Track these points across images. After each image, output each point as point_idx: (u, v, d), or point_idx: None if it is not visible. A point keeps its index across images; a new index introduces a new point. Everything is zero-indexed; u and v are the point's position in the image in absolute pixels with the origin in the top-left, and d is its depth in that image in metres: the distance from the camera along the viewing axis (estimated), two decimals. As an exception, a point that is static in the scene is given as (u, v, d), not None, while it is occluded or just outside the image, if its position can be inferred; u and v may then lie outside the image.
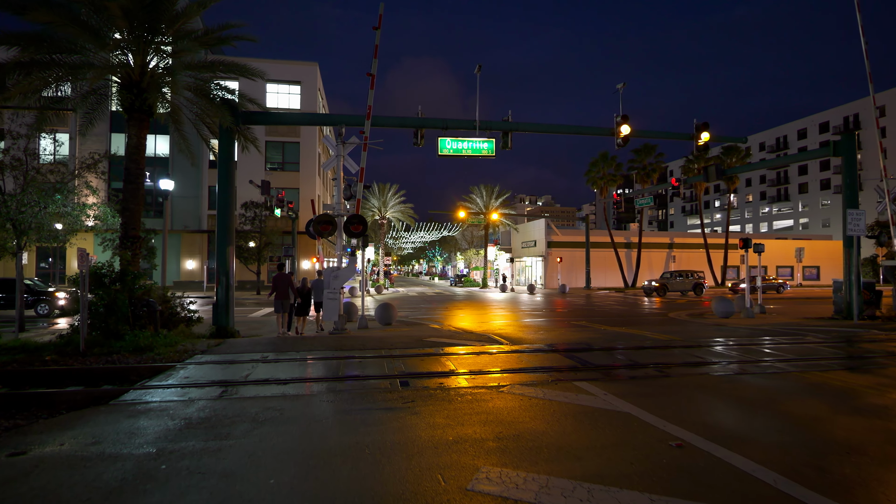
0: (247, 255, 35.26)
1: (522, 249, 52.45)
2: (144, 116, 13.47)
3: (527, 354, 8.92)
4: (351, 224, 12.26)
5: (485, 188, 48.45)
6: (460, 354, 8.87)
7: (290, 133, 41.67)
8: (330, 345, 9.96)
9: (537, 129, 16.12)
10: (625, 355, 9.03)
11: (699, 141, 16.80)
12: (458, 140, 15.38)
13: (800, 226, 79.94)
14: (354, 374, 7.26)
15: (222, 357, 8.73)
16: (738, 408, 5.63)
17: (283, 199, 31.11)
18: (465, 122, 15.39)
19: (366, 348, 9.53)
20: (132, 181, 13.38)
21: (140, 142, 13.49)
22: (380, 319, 15.74)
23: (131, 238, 13.28)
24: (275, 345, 10.04)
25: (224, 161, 13.58)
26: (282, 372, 7.46)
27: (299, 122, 14.17)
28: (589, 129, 16.48)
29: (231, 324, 13.28)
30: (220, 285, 13.33)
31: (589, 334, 12.32)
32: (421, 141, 15.31)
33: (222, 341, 11.17)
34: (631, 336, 12.07)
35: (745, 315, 18.21)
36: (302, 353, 9.05)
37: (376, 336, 11.58)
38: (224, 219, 13.52)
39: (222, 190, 13.54)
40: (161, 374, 7.40)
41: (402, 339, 10.99)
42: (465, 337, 11.41)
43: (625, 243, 47.68)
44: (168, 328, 12.79)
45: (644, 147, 44.73)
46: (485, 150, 15.53)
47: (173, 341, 10.91)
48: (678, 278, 36.02)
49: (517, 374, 7.37)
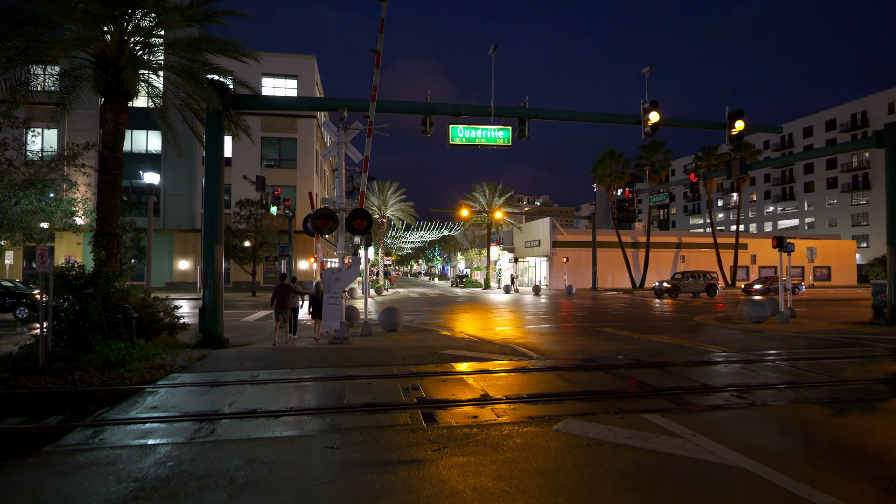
0: (241, 255, 33.77)
1: (525, 249, 51.06)
2: (122, 100, 12.01)
3: (567, 373, 7.51)
4: (354, 219, 10.83)
5: (487, 186, 47.04)
6: (487, 372, 7.46)
7: (287, 129, 40.22)
8: (331, 359, 8.54)
9: (557, 116, 14.72)
10: (684, 374, 7.62)
11: (732, 130, 15.43)
12: (470, 128, 13.97)
13: (805, 225, 78.76)
14: (363, 402, 5.84)
15: (203, 377, 7.30)
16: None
17: (279, 196, 29.66)
18: (478, 108, 13.98)
19: (374, 363, 8.11)
20: (108, 171, 11.92)
21: (117, 128, 12.03)
22: (384, 325, 14.32)
23: (107, 235, 11.83)
24: (267, 359, 8.61)
25: (212, 150, 12.13)
26: (273, 398, 6.04)
27: (296, 106, 12.69)
28: (613, 117, 15.09)
29: (219, 331, 11.83)
30: (207, 288, 11.88)
31: (623, 345, 10.91)
32: (430, 129, 13.89)
33: (207, 353, 9.72)
34: (672, 346, 10.67)
35: (778, 320, 16.84)
36: (299, 369, 7.64)
37: (383, 346, 10.16)
38: (212, 214, 12.07)
39: (210, 182, 12.09)
40: (124, 402, 5.97)
41: (413, 350, 9.57)
42: (484, 349, 10.00)
43: (631, 243, 46.34)
44: (148, 337, 11.36)
45: (652, 143, 43.38)
46: (500, 139, 14.13)
47: (150, 354, 9.46)
48: (690, 279, 34.68)
49: (566, 401, 5.96)
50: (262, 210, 34.36)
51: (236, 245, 33.75)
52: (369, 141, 11.44)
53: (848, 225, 71.81)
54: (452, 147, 13.92)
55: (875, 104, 66.79)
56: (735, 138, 15.55)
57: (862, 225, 70.68)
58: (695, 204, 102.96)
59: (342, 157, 11.44)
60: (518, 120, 14.33)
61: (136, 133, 38.51)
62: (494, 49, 14.09)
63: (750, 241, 50.53)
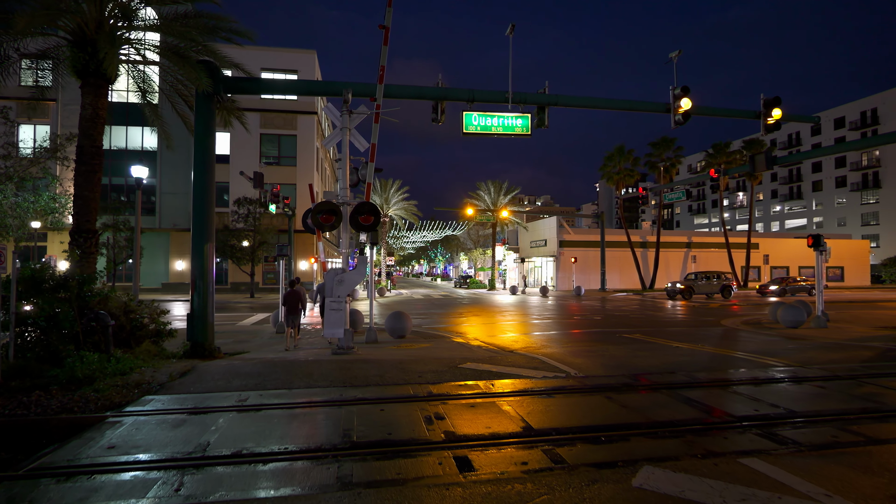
0: (240, 255, 32.59)
1: (531, 249, 49.84)
2: (101, 82, 10.84)
3: (618, 395, 6.26)
4: (359, 214, 9.62)
5: (492, 184, 45.82)
6: (520, 394, 6.23)
7: (287, 125, 39.05)
8: (334, 375, 7.33)
9: (579, 103, 13.50)
10: (756, 395, 6.35)
11: (769, 119, 14.21)
12: (486, 115, 12.75)
13: (813, 225, 77.47)
14: (377, 439, 4.62)
15: (182, 400, 6.08)
16: None
17: (278, 193, 28.43)
18: (494, 94, 12.76)
19: (385, 381, 6.90)
20: (86, 162, 10.74)
21: (96, 113, 10.84)
22: (391, 331, 13.12)
23: (84, 232, 10.65)
24: (260, 375, 7.38)
25: (202, 137, 10.92)
26: (264, 432, 4.83)
27: (295, 91, 11.43)
28: (640, 105, 13.86)
29: (209, 339, 10.63)
30: (195, 291, 10.68)
31: (663, 356, 9.68)
32: (441, 117, 12.68)
33: (193, 366, 8.51)
34: (720, 358, 9.45)
35: (815, 325, 15.60)
36: (296, 389, 6.43)
37: (393, 358, 8.94)
38: (202, 210, 10.86)
39: (199, 173, 10.88)
40: (77, 438, 4.76)
41: (428, 363, 8.35)
42: (509, 361, 8.77)
43: (640, 242, 45.09)
44: (130, 346, 10.15)
45: (662, 140, 42.20)
46: (518, 128, 12.92)
47: (127, 367, 8.25)
48: (704, 280, 33.42)
49: (633, 437, 4.73)
50: (260, 209, 33.18)
51: (234, 245, 32.57)
52: (376, 127, 10.22)
53: (858, 224, 70.54)
54: (466, 136, 12.71)
55: (885, 101, 65.49)
56: (771, 127, 14.32)
57: (872, 224, 69.41)
58: (700, 203, 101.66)
59: (346, 144, 10.23)
60: (536, 107, 13.13)
61: (132, 130, 37.36)
62: (512, 29, 12.88)
63: (761, 241, 49.32)
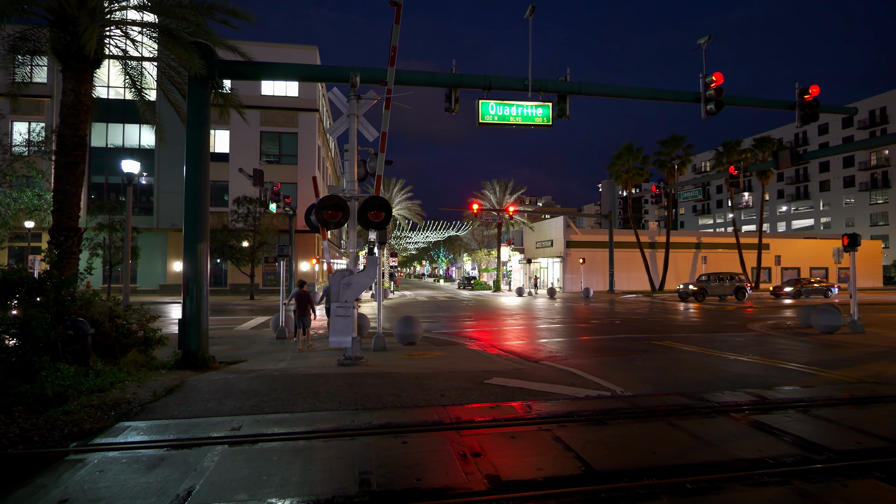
0: (239, 255, 31.61)
1: (537, 250, 48.81)
2: (84, 66, 9.86)
3: (680, 421, 5.17)
4: (369, 209, 8.63)
5: (497, 183, 44.82)
6: (565, 420, 5.16)
7: (288, 123, 38.10)
8: (344, 392, 6.34)
9: (603, 91, 12.52)
10: (846, 421, 5.33)
11: (806, 108, 13.22)
12: (504, 104, 11.78)
13: (821, 225, 76.44)
14: (403, 487, 3.64)
15: (163, 428, 5.08)
16: None
17: (278, 192, 27.45)
18: (513, 81, 11.79)
19: (402, 401, 5.90)
20: (67, 153, 9.77)
21: (79, 99, 9.86)
22: (401, 337, 12.14)
23: (65, 231, 9.67)
24: (258, 393, 6.38)
25: (195, 126, 9.94)
26: (258, 477, 3.84)
27: (298, 75, 10.50)
28: (669, 94, 12.88)
29: (203, 348, 9.66)
30: (187, 295, 9.71)
31: (706, 368, 8.67)
32: (455, 106, 11.72)
33: (183, 380, 7.52)
34: (770, 369, 8.44)
35: (851, 330, 14.58)
36: (300, 413, 5.43)
37: (408, 370, 7.94)
38: (195, 206, 9.89)
39: (192, 166, 9.91)
40: (23, 488, 3.76)
41: (448, 377, 7.35)
42: (538, 375, 7.74)
43: (648, 243, 44.05)
44: (115, 355, 9.19)
45: (672, 138, 41.21)
46: (538, 118, 11.95)
47: (106, 382, 7.27)
48: (718, 281, 32.40)
49: (722, 483, 3.70)
50: (260, 208, 32.22)
51: (233, 245, 31.60)
52: (387, 114, 9.23)
53: (866, 225, 69.47)
54: (482, 126, 11.75)
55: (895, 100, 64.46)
56: (808, 118, 13.34)
57: (881, 225, 68.37)
58: (704, 204, 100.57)
59: (353, 133, 9.23)
60: (557, 96, 12.16)
61: (129, 127, 36.45)
62: (532, 11, 11.89)
63: (772, 241, 48.28)
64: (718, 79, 12.27)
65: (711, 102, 12.32)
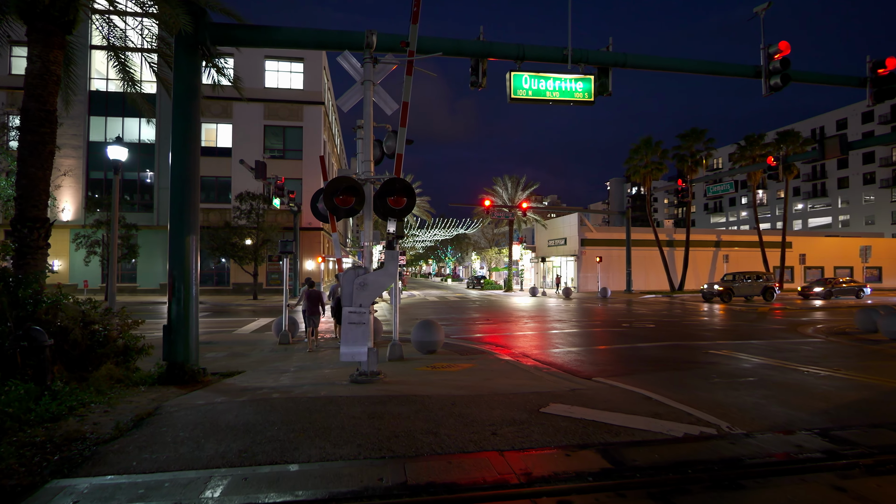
0: (242, 253, 30.23)
1: (549, 248, 47.18)
2: (53, 28, 8.39)
3: (847, 481, 3.70)
4: (389, 194, 7.12)
5: (509, 179, 43.24)
6: (679, 479, 3.60)
7: (292, 116, 36.62)
8: (363, 427, 4.81)
9: (653, 63, 10.94)
10: None
11: (882, 84, 11.61)
12: (539, 77, 10.24)
13: (839, 223, 74.38)
14: None
15: (109, 492, 3.60)
16: None
17: (282, 186, 26.07)
18: (550, 51, 10.26)
19: (442, 441, 4.37)
20: (33, 129, 8.31)
21: (46, 68, 8.40)
22: (419, 345, 10.65)
23: (30, 221, 8.21)
24: (250, 429, 4.84)
25: (182, 99, 8.47)
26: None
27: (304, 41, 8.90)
28: (725, 67, 11.30)
29: (191, 359, 8.20)
30: (173, 297, 8.25)
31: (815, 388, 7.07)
32: (483, 80, 10.17)
33: (158, 406, 6.03)
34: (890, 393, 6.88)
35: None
36: (305, 465, 3.91)
37: (440, 393, 6.41)
38: (182, 192, 8.42)
39: (179, 147, 8.45)
40: None
41: (493, 403, 5.82)
42: (601, 398, 6.16)
43: (666, 241, 42.33)
44: (86, 369, 7.74)
45: (691, 132, 39.50)
46: (578, 93, 10.39)
47: (64, 408, 5.80)
48: (744, 281, 30.69)
49: None
50: (264, 205, 30.82)
51: (236, 243, 30.23)
52: (409, 81, 7.71)
53: (887, 223, 67.38)
54: (514, 102, 10.21)
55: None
56: (883, 95, 11.72)
57: (903, 223, 66.29)
58: (716, 202, 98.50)
59: (369, 103, 7.72)
60: (598, 70, 10.61)
61: (128, 121, 35.08)
62: (571, -30, 10.34)
63: (794, 240, 46.46)
64: (784, 48, 10.68)
65: (777, 76, 10.72)
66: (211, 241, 31.85)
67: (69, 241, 31.71)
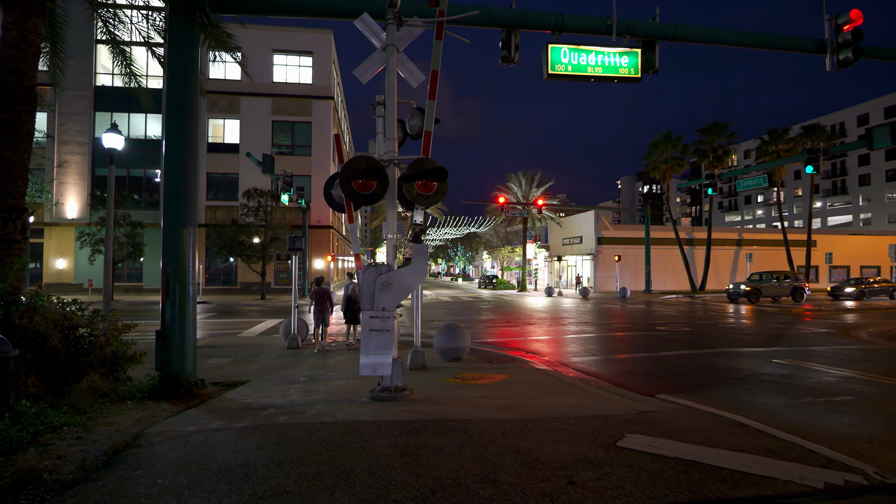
0: (250, 252, 29.30)
1: (563, 247, 45.90)
2: (31, -8, 7.37)
3: None
4: (416, 178, 5.99)
5: (523, 175, 42.01)
6: None
7: (301, 111, 35.66)
8: (396, 473, 3.64)
9: (706, 36, 9.72)
10: None
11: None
12: (579, 51, 9.07)
13: (860, 222, 72.32)
14: None
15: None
16: None
17: (290, 181, 25.07)
18: (592, 21, 9.10)
19: (502, 493, 3.26)
20: (9, 107, 7.31)
21: (24, 38, 7.38)
22: (443, 351, 9.53)
23: (4, 211, 7.19)
24: (248, 473, 3.69)
25: (177, 72, 7.41)
26: None
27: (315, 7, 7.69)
28: (786, 41, 10.05)
29: (188, 368, 7.14)
30: (167, 298, 7.19)
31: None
32: (515, 54, 9.01)
33: (140, 434, 4.95)
34: None
35: None
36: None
37: (485, 418, 5.28)
38: (177, 179, 7.36)
39: (173, 126, 7.39)
40: None
41: (550, 430, 4.69)
42: (688, 428, 4.92)
43: (686, 240, 40.88)
44: (66, 381, 6.71)
45: (713, 126, 38.05)
46: (623, 69, 9.23)
47: (24, 435, 4.74)
48: (773, 281, 29.26)
49: None
50: (272, 202, 29.88)
51: (243, 241, 29.29)
52: (439, 46, 6.57)
53: (917, 221, 65.31)
54: (552, 79, 9.06)
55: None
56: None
57: (928, 221, 64.22)
58: (731, 200, 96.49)
59: (392, 71, 6.60)
60: (643, 44, 9.40)
61: (135, 117, 34.28)
62: (615, -71, 9.15)
63: (819, 238, 44.76)
64: (856, 17, 9.42)
65: (847, 49, 9.47)
66: (218, 240, 30.96)
67: (74, 240, 30.91)
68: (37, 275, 32.97)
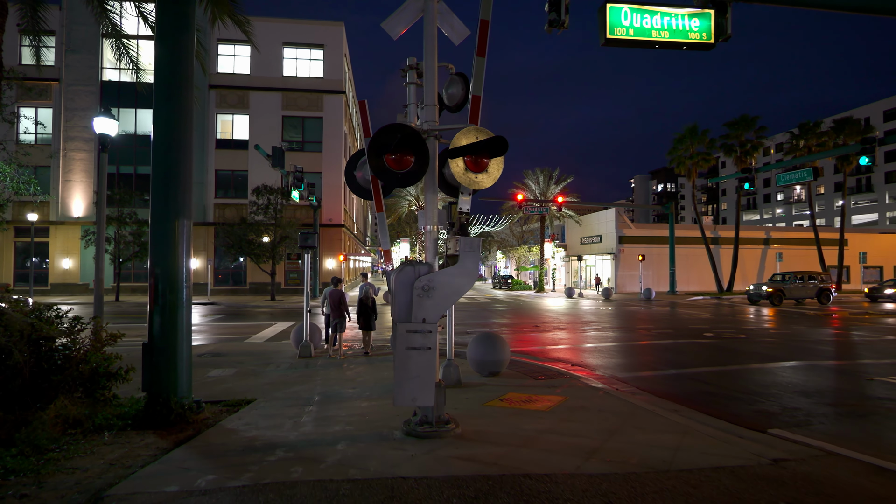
0: (259, 251, 28.18)
1: (581, 246, 44.36)
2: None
3: None
4: (467, 152, 4.65)
5: (541, 172, 40.52)
6: None
7: (312, 106, 34.47)
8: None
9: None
10: None
11: None
12: (643, 11, 7.69)
13: (886, 220, 69.89)
14: None
15: None
16: None
17: (301, 177, 23.87)
18: (657, -25, 7.71)
19: None
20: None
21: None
22: (479, 364, 8.18)
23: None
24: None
25: (169, 35, 6.14)
26: None
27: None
28: (883, 3, 8.58)
29: (181, 388, 5.87)
30: (156, 304, 5.92)
31: None
32: (565, 17, 7.66)
33: (110, 486, 3.67)
34: None
35: None
36: None
37: (566, 470, 3.96)
38: (167, 161, 6.08)
39: (163, 99, 6.12)
40: None
41: (654, 485, 3.40)
42: (838, 476, 3.75)
43: (711, 238, 39.18)
44: (30, 407, 5.48)
45: (741, 119, 36.36)
46: (694, 33, 7.82)
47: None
48: (798, 282, 27.48)
49: None
50: (282, 199, 28.75)
51: (253, 240, 28.18)
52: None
53: (946, 219, 62.82)
54: (610, 45, 7.69)
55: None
56: None
57: (961, 219, 61.70)
58: (749, 199, 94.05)
59: (432, 19, 5.27)
60: (716, 7, 7.99)
61: (141, 112, 33.27)
62: None
63: (850, 237, 42.83)
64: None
65: (959, 8, 7.99)
66: (227, 239, 29.91)
67: (79, 239, 29.96)
68: (42, 275, 32.15)
